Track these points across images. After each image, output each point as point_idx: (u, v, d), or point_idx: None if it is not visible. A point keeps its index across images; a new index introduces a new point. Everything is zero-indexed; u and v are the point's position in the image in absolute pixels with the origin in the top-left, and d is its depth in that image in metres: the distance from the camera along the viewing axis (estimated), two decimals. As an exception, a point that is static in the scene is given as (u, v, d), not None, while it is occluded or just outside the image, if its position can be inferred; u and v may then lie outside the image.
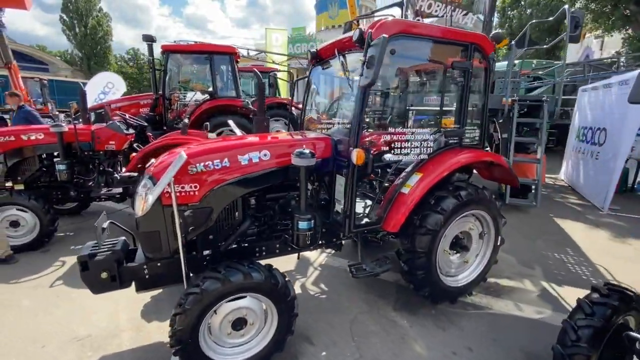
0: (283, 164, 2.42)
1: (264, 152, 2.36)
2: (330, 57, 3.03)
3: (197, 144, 2.70)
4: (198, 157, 2.18)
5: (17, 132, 3.93)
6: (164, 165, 2.19)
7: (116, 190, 4.46)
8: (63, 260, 3.74)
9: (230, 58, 7.08)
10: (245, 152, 2.32)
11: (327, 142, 2.59)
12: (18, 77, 10.25)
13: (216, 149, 2.32)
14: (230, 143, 2.47)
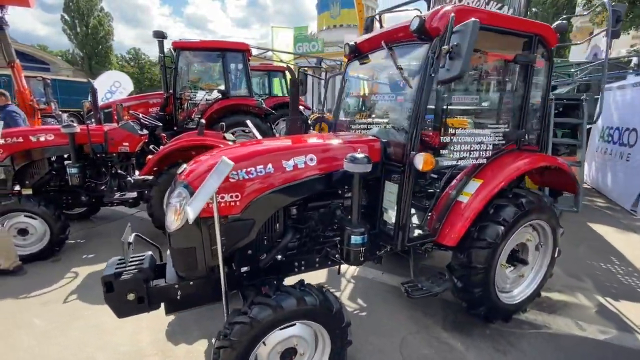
0: (330, 170, 2.15)
1: (310, 156, 2.09)
2: (371, 51, 2.76)
3: (229, 147, 2.43)
4: (240, 162, 1.91)
5: (26, 133, 3.66)
6: (202, 172, 1.92)
7: (130, 195, 4.19)
8: (75, 272, 3.47)
9: (243, 55, 6.80)
10: (290, 157, 2.05)
11: (376, 145, 2.32)
12: (21, 76, 9.97)
13: (258, 153, 2.05)
14: (272, 146, 2.19)
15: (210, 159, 2.10)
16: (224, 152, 2.18)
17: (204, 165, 1.99)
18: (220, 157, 1.83)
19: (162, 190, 3.88)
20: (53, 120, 12.15)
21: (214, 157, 2.12)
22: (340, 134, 2.75)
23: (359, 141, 2.33)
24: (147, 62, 47.94)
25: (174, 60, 6.63)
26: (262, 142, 2.48)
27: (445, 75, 1.54)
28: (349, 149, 2.20)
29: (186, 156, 4.03)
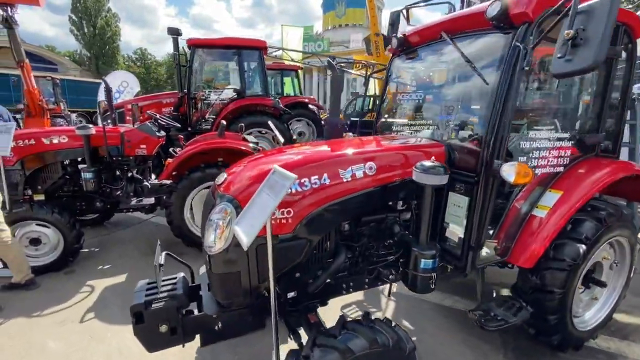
0: (391, 180, 1.85)
1: (369, 164, 1.80)
2: (424, 43, 2.46)
3: (271, 153, 2.14)
4: (292, 172, 1.62)
5: (38, 135, 3.41)
6: (248, 184, 1.64)
7: (147, 201, 3.93)
8: (91, 285, 3.21)
9: (260, 53, 6.54)
10: (348, 165, 1.75)
11: (439, 150, 2.02)
12: (30, 76, 9.85)
13: (311, 160, 1.76)
14: (325, 152, 1.91)
15: (252, 167, 1.81)
16: (268, 160, 1.90)
17: (248, 175, 1.71)
18: (272, 167, 1.55)
19: (182, 196, 3.62)
20: (62, 120, 12.00)
21: (256, 165, 1.84)
22: (388, 138, 2.45)
23: (421, 146, 2.03)
24: (153, 63, 48.05)
25: (188, 58, 6.39)
26: (306, 147, 2.19)
27: (565, 68, 1.23)
28: (414, 156, 1.90)
29: (207, 160, 3.76)
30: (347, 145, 2.05)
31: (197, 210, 3.79)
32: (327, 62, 2.67)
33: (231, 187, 1.68)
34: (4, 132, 2.94)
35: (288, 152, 2.06)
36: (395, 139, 2.28)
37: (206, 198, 1.98)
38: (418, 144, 2.09)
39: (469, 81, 2.13)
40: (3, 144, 2.93)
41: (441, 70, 2.54)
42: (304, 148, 2.15)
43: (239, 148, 3.74)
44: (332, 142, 2.28)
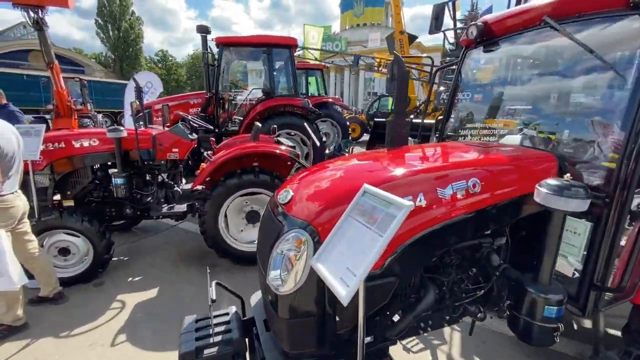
0: (498, 200, 1.48)
1: (472, 180, 1.42)
2: (515, 32, 2.06)
3: (340, 161, 1.80)
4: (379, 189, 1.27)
5: (68, 137, 3.20)
6: (326, 206, 1.30)
7: (179, 208, 3.68)
8: (121, 300, 2.97)
9: (290, 51, 6.25)
10: (447, 181, 1.39)
11: (551, 164, 1.62)
12: (59, 77, 9.96)
13: (403, 175, 1.40)
14: (414, 165, 1.54)
15: (325, 183, 1.48)
16: (341, 172, 1.56)
17: (325, 195, 1.37)
18: (354, 183, 1.20)
19: (217, 204, 3.34)
20: (89, 121, 12.13)
21: (329, 180, 1.50)
22: (474, 145, 2.05)
23: (527, 157, 1.64)
24: (174, 64, 49.02)
25: (216, 57, 6.18)
26: (380, 156, 1.84)
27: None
28: (522, 170, 1.52)
29: (242, 165, 3.47)
30: (433, 155, 1.69)
31: (231, 220, 3.51)
32: (395, 56, 2.30)
33: (303, 209, 1.35)
34: (33, 134, 2.74)
35: (359, 161, 1.72)
36: (482, 147, 1.89)
37: (264, 217, 1.66)
38: (523, 155, 1.69)
39: (584, 78, 1.73)
40: (32, 147, 2.73)
41: (537, 64, 2.13)
42: (377, 157, 1.80)
43: (277, 153, 3.43)
44: (407, 150, 1.92)
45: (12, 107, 4.78)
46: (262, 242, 1.57)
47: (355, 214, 1.14)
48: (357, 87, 42.15)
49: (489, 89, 2.43)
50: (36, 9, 8.37)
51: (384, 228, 0.99)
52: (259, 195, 3.52)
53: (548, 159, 1.63)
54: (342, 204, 1.25)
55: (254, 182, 3.38)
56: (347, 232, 1.12)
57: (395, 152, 1.85)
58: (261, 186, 3.42)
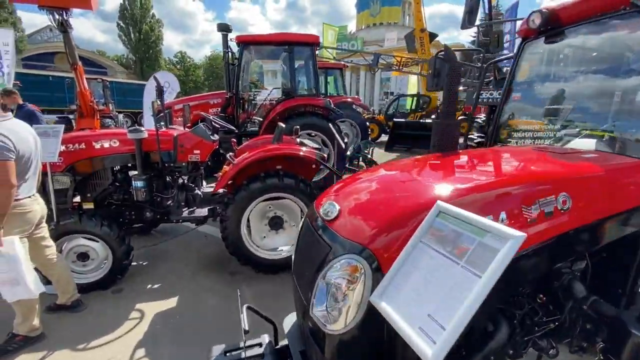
0: (591, 220, 1.21)
1: (562, 196, 1.16)
2: (586, 20, 1.77)
3: (393, 167, 1.56)
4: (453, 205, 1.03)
5: (89, 138, 3.09)
6: (387, 226, 1.06)
7: (200, 212, 3.52)
8: (140, 310, 2.82)
9: (312, 49, 6.04)
10: (532, 197, 1.13)
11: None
12: (83, 78, 10.14)
13: (478, 189, 1.15)
14: (490, 175, 1.29)
15: (381, 196, 1.25)
16: (396, 182, 1.32)
17: (385, 213, 1.13)
18: (423, 198, 0.96)
19: (239, 209, 3.16)
20: (110, 121, 12.32)
21: (383, 192, 1.27)
22: (540, 150, 1.77)
23: (622, 166, 1.36)
24: (192, 65, 49.84)
25: (237, 56, 6.03)
26: (433, 162, 1.58)
27: None
28: (616, 182, 1.24)
29: (265, 167, 3.28)
30: (503, 163, 1.42)
31: (254, 226, 3.33)
32: (444, 49, 2.05)
33: (355, 228, 1.12)
34: (52, 135, 2.62)
35: (412, 169, 1.47)
36: (558, 153, 1.60)
37: (303, 234, 1.44)
38: (617, 163, 1.41)
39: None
40: (51, 148, 2.61)
41: (612, 56, 1.83)
42: (431, 164, 1.55)
43: (304, 155, 3.22)
44: (466, 155, 1.66)
45: (29, 107, 4.77)
46: (301, 263, 1.35)
47: (429, 240, 0.90)
48: (373, 87, 41.69)
49: (549, 85, 2.13)
50: (61, 11, 8.51)
51: (481, 265, 0.75)
52: (283, 200, 3.32)
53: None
54: (405, 224, 1.02)
55: (278, 186, 3.18)
56: (420, 262, 0.89)
57: (451, 157, 1.59)
58: (285, 190, 3.22)
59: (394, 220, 1.06)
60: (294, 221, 3.42)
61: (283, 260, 3.36)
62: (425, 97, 15.43)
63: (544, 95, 2.13)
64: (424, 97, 15.41)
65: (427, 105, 15.23)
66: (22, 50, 30.51)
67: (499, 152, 1.73)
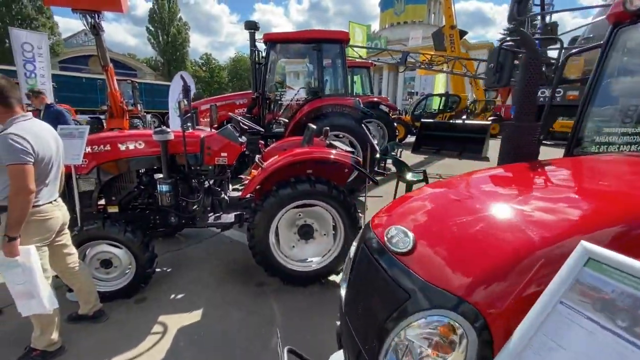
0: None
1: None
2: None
3: (467, 184, 1.26)
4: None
5: (114, 139, 2.97)
6: (492, 271, 0.77)
7: (227, 218, 3.33)
8: (163, 323, 2.64)
9: (341, 47, 5.77)
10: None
11: None
12: (113, 79, 10.43)
13: (618, 217, 0.83)
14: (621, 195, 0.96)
15: (464, 219, 0.95)
16: (484, 201, 1.02)
17: (485, 249, 0.84)
18: (553, 232, 0.66)
19: (268, 216, 2.93)
20: (138, 121, 12.60)
21: (464, 213, 0.97)
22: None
23: None
24: (217, 67, 50.87)
25: (263, 55, 5.86)
26: (526, 174, 1.26)
27: None
28: None
29: (294, 172, 3.04)
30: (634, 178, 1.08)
31: (282, 234, 3.09)
32: (521, 36, 1.73)
33: (446, 271, 0.82)
34: (76, 136, 2.50)
35: (497, 184, 1.16)
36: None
37: (358, 264, 1.15)
38: None
39: None
40: (75, 150, 2.49)
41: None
42: (526, 178, 1.23)
43: (339, 160, 2.95)
44: (558, 166, 1.32)
45: (57, 107, 4.79)
46: (356, 303, 1.07)
47: (577, 302, 0.60)
48: (396, 87, 40.92)
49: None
50: (93, 14, 8.73)
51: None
52: (314, 208, 3.06)
53: None
54: (523, 269, 0.72)
55: (309, 192, 2.92)
56: (569, 337, 0.59)
57: (544, 170, 1.26)
58: (317, 197, 2.96)
59: (505, 263, 0.76)
60: (324, 230, 3.15)
61: (313, 272, 3.11)
62: (454, 97, 14.79)
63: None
64: (454, 97, 14.76)
65: (457, 105, 14.58)
66: (59, 54, 32.24)
67: (613, 163, 1.36)
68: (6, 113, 1.89)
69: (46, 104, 4.73)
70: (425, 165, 9.51)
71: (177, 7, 41.69)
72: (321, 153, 3.00)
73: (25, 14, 27.83)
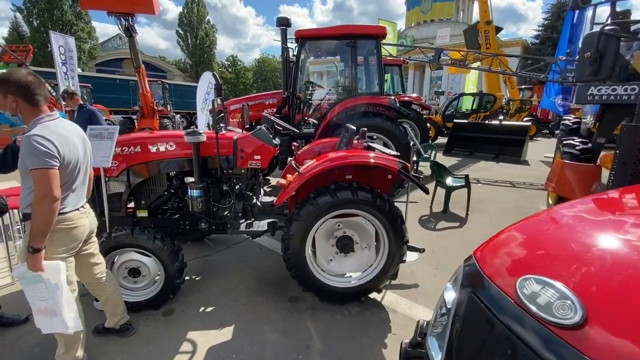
0: None
1: None
2: None
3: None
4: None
5: (145, 141, 2.80)
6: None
7: (259, 226, 3.09)
8: (192, 341, 2.43)
9: (377, 42, 5.42)
10: None
11: None
12: (145, 80, 10.67)
13: None
14: None
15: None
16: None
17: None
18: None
19: (305, 226, 2.66)
20: (168, 121, 12.82)
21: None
22: None
23: None
24: (242, 68, 51.71)
25: (294, 54, 5.63)
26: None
27: None
28: None
29: (332, 177, 2.75)
30: None
31: (319, 246, 2.81)
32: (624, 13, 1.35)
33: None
34: (106, 137, 2.34)
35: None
36: None
37: (468, 319, 0.84)
38: None
39: None
40: (105, 152, 2.33)
41: None
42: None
43: (385, 165, 2.63)
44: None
45: (90, 107, 4.78)
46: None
47: None
48: (422, 87, 39.84)
49: None
50: (127, 16, 8.94)
51: None
52: (355, 218, 2.76)
53: None
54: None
55: (351, 201, 2.62)
56: None
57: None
58: (359, 207, 2.65)
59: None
60: (365, 243, 2.84)
61: (353, 289, 2.81)
62: (489, 96, 13.99)
63: None
64: (488, 96, 13.97)
65: (492, 105, 13.77)
66: (95, 57, 33.89)
67: None
68: (32, 112, 1.73)
69: (79, 104, 4.74)
70: (459, 168, 8.96)
71: (205, 11, 42.81)
72: (367, 158, 2.69)
73: (66, 20, 29.45)
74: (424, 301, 2.93)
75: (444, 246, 4.09)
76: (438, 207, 5.39)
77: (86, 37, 31.80)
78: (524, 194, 6.57)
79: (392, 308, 2.83)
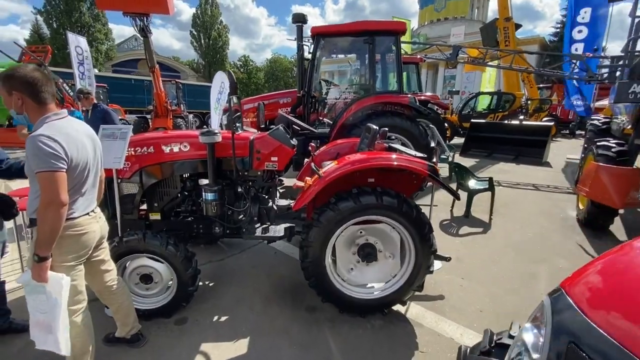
0: None
1: None
2: None
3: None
4: None
5: (158, 141, 2.68)
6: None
7: (275, 231, 2.94)
8: (205, 353, 2.29)
9: (397, 39, 5.21)
10: None
11: None
12: (159, 80, 10.72)
13: None
14: None
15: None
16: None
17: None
18: None
19: (325, 233, 2.49)
20: (181, 121, 12.85)
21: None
22: None
23: None
24: (254, 68, 51.93)
25: (310, 51, 5.46)
26: None
27: None
28: None
29: (354, 181, 2.57)
30: None
31: (340, 254, 2.63)
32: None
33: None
34: (118, 137, 2.22)
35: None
36: None
37: None
38: None
39: None
40: (117, 153, 2.21)
41: None
42: None
43: (413, 168, 2.43)
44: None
45: (103, 107, 4.73)
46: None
47: None
48: (435, 86, 39.18)
49: None
50: (142, 17, 8.98)
51: None
52: (378, 225, 2.57)
53: None
54: None
55: (376, 206, 2.44)
56: None
57: None
58: (384, 213, 2.47)
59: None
60: (389, 251, 2.65)
61: (376, 301, 2.62)
62: (508, 95, 13.53)
63: None
64: (507, 95, 13.51)
65: (510, 105, 13.31)
66: (112, 58, 34.55)
67: None
68: (39, 111, 1.61)
69: (93, 103, 4.69)
70: (478, 170, 8.62)
71: (218, 12, 43.16)
72: (392, 160, 2.50)
73: (83, 22, 30.10)
74: (451, 315, 2.72)
75: (468, 254, 3.86)
76: (458, 211, 5.14)
77: (103, 39, 32.45)
78: (549, 197, 6.24)
79: (418, 322, 2.63)
